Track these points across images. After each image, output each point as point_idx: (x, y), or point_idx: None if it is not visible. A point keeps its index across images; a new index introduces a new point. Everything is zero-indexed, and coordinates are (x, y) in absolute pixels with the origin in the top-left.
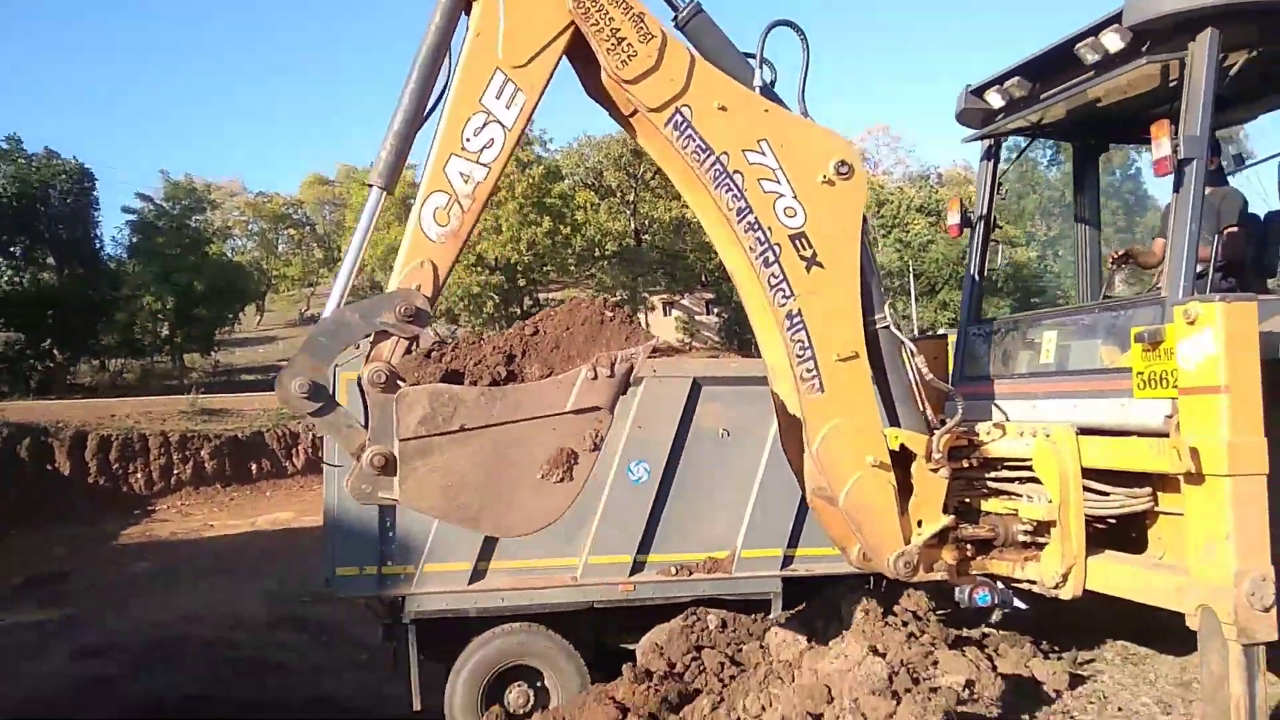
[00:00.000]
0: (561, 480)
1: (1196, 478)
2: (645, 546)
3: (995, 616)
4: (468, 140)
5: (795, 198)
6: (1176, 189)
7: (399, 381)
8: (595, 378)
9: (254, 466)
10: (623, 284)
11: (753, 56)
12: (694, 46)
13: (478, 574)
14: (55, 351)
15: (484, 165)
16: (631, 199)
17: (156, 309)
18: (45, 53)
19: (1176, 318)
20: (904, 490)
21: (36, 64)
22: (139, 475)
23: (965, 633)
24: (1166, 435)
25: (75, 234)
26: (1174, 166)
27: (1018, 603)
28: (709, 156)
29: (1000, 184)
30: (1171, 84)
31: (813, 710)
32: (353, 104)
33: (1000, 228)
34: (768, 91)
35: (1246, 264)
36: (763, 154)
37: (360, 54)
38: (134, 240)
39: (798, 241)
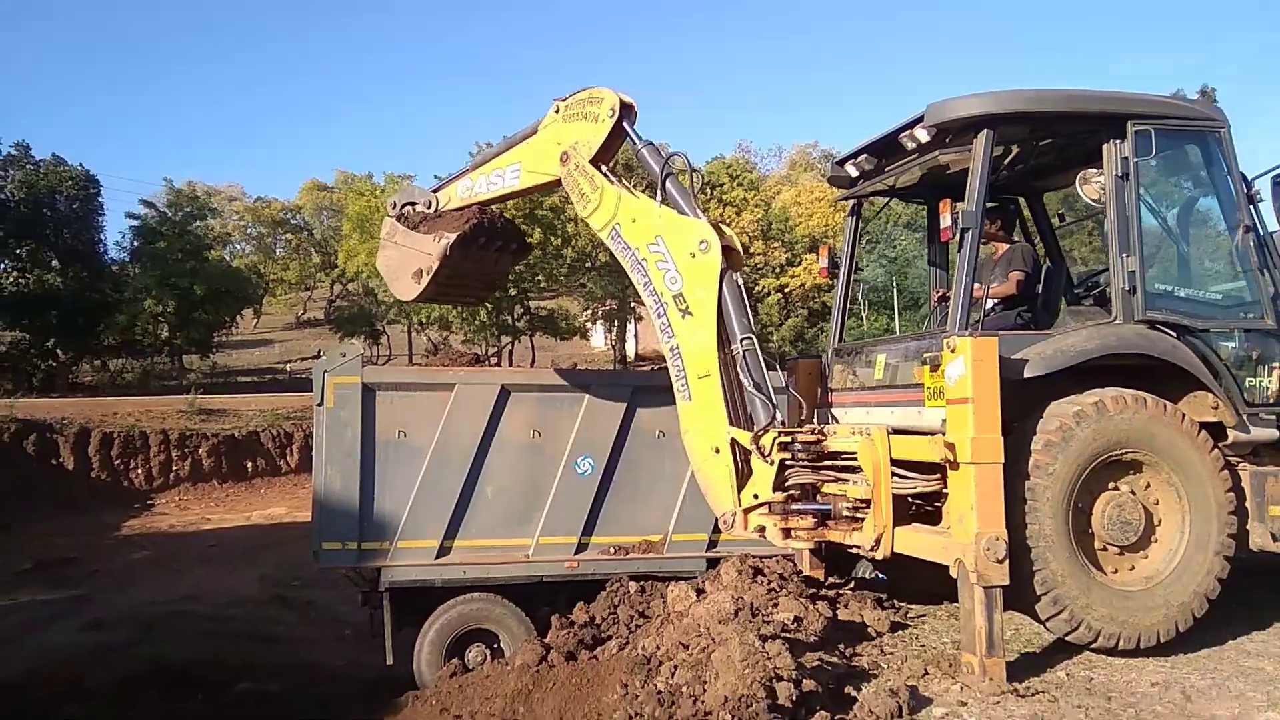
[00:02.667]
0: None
1: (955, 465)
2: (589, 529)
3: (862, 569)
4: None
5: (676, 270)
6: (959, 251)
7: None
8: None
9: (249, 464)
10: (612, 294)
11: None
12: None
13: (444, 550)
14: (58, 351)
15: (492, 186)
16: None
17: (157, 311)
18: (53, 61)
19: (945, 348)
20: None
21: (45, 72)
22: (139, 471)
23: (823, 591)
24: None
25: (80, 238)
26: (955, 234)
27: (879, 575)
28: (628, 252)
29: (863, 234)
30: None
31: (684, 641)
32: (352, 112)
33: (861, 269)
34: (668, 190)
35: (1037, 304)
36: (657, 245)
37: (360, 63)
38: (136, 245)
39: (677, 300)
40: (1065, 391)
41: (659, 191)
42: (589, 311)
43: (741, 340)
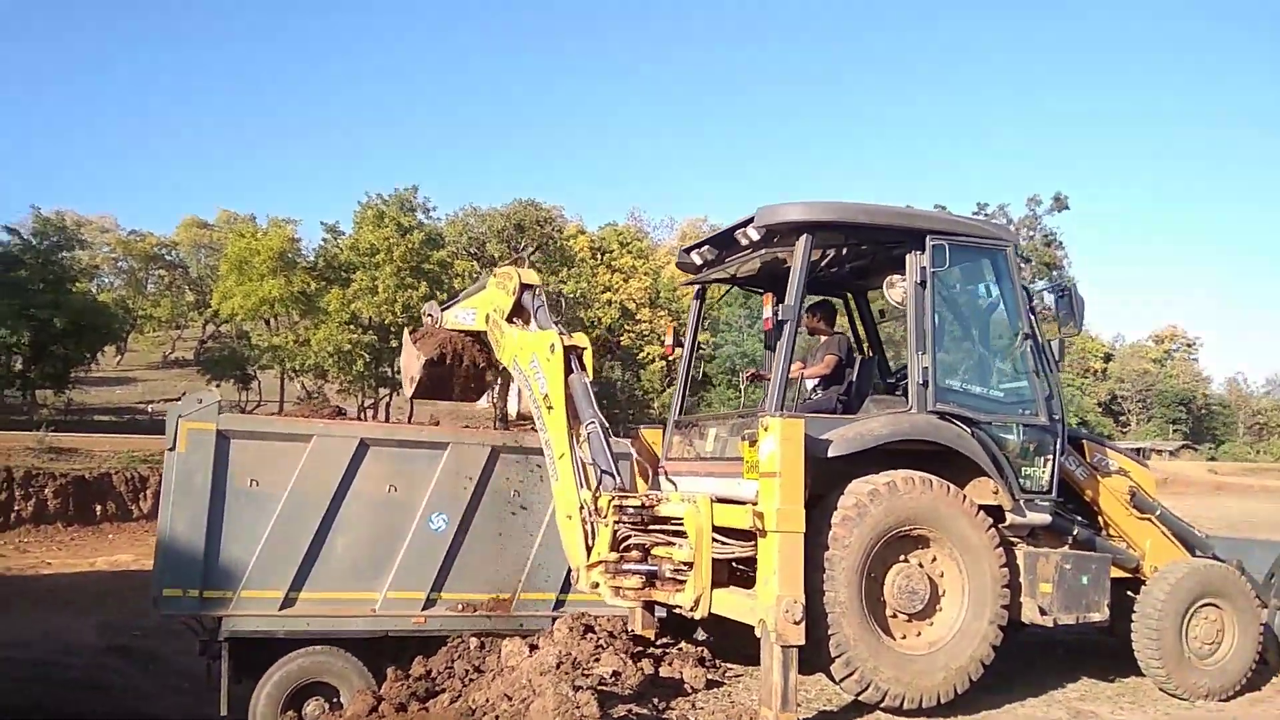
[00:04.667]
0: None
1: (763, 533)
2: (439, 585)
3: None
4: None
5: (540, 375)
6: (776, 340)
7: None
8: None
9: (99, 508)
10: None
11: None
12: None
13: (289, 601)
14: None
15: (460, 320)
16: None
17: (11, 343)
18: None
19: (760, 426)
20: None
21: None
22: None
23: (650, 649)
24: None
25: None
26: (775, 325)
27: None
28: (521, 374)
29: (704, 318)
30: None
31: (508, 693)
32: (239, 150)
33: (703, 349)
34: (539, 319)
35: (851, 390)
36: (533, 362)
37: (249, 100)
38: None
39: (545, 399)
40: (871, 471)
41: (533, 322)
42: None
43: (586, 425)
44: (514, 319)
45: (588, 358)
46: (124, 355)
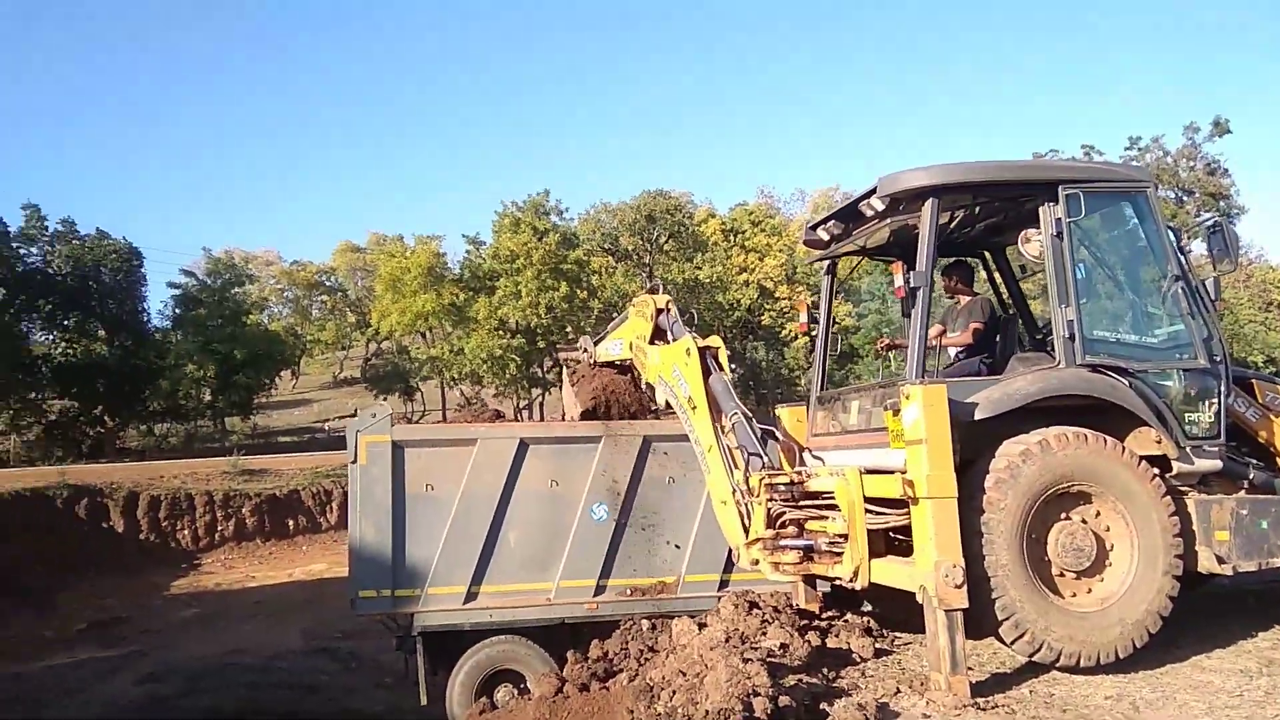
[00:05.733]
0: None
1: (914, 500)
2: (607, 573)
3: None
4: (611, 345)
5: (682, 380)
6: (910, 307)
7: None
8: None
9: (291, 522)
10: None
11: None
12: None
13: (471, 595)
14: (106, 418)
15: (610, 351)
16: (647, 261)
17: (199, 376)
18: (95, 140)
19: (902, 394)
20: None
21: (87, 150)
22: (186, 532)
23: (815, 622)
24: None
25: (124, 308)
26: (908, 292)
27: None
28: (665, 386)
29: (837, 291)
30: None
31: (682, 669)
32: (384, 174)
33: (838, 323)
34: (675, 333)
35: (995, 350)
36: (675, 371)
37: (390, 124)
38: (178, 312)
39: (689, 400)
40: (1024, 430)
41: (670, 336)
42: None
43: (729, 415)
44: (655, 340)
45: (722, 356)
46: (298, 379)
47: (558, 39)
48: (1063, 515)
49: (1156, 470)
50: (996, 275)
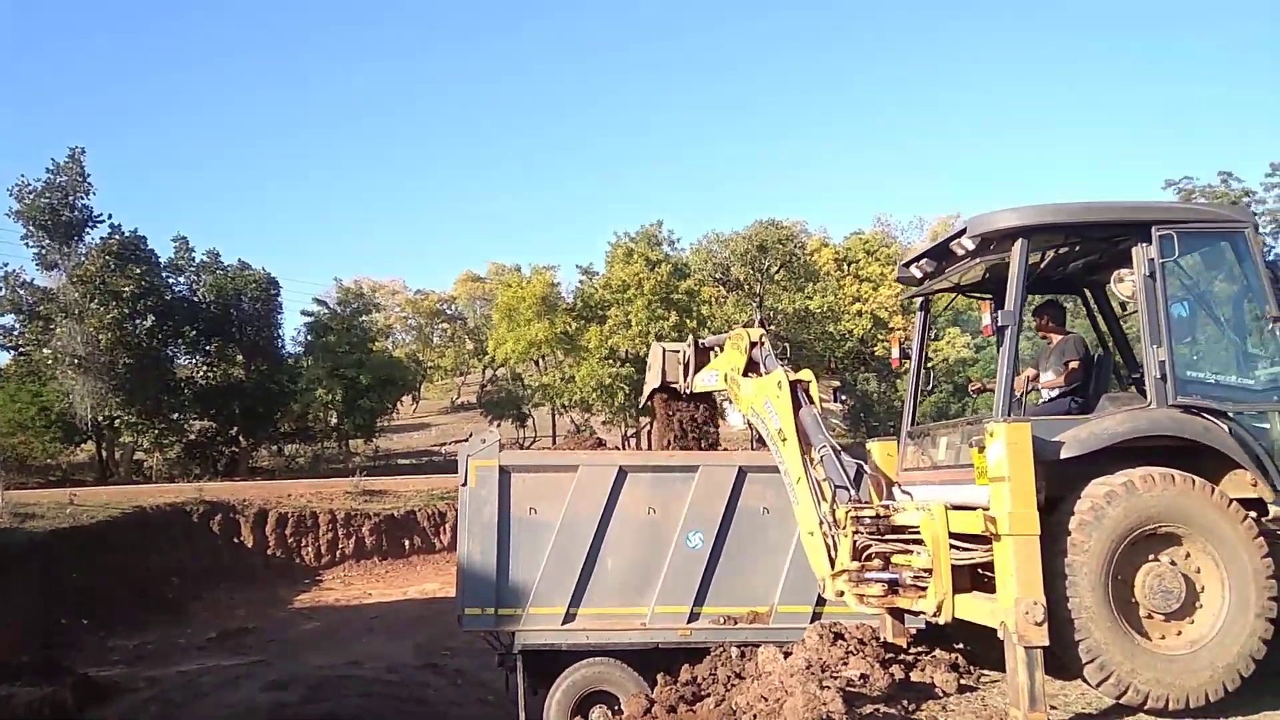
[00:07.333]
0: None
1: (996, 537)
2: (700, 600)
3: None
4: (707, 377)
5: (773, 412)
6: (998, 347)
7: None
8: None
9: (407, 542)
10: None
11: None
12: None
13: (569, 617)
14: (240, 438)
15: (706, 382)
16: (758, 291)
17: (327, 400)
18: (236, 176)
19: (986, 432)
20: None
21: (230, 186)
22: (309, 549)
23: (901, 655)
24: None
25: (261, 334)
26: (995, 331)
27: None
28: (758, 418)
29: (931, 327)
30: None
31: (764, 694)
32: (505, 205)
33: (931, 359)
34: (766, 366)
35: (1086, 391)
36: (766, 404)
37: (514, 156)
38: (309, 339)
39: (779, 433)
40: (1111, 472)
41: (763, 369)
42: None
43: (818, 449)
44: (749, 373)
45: (814, 390)
46: (418, 403)
47: (673, 73)
48: (1151, 557)
49: (1251, 513)
50: (1096, 313)
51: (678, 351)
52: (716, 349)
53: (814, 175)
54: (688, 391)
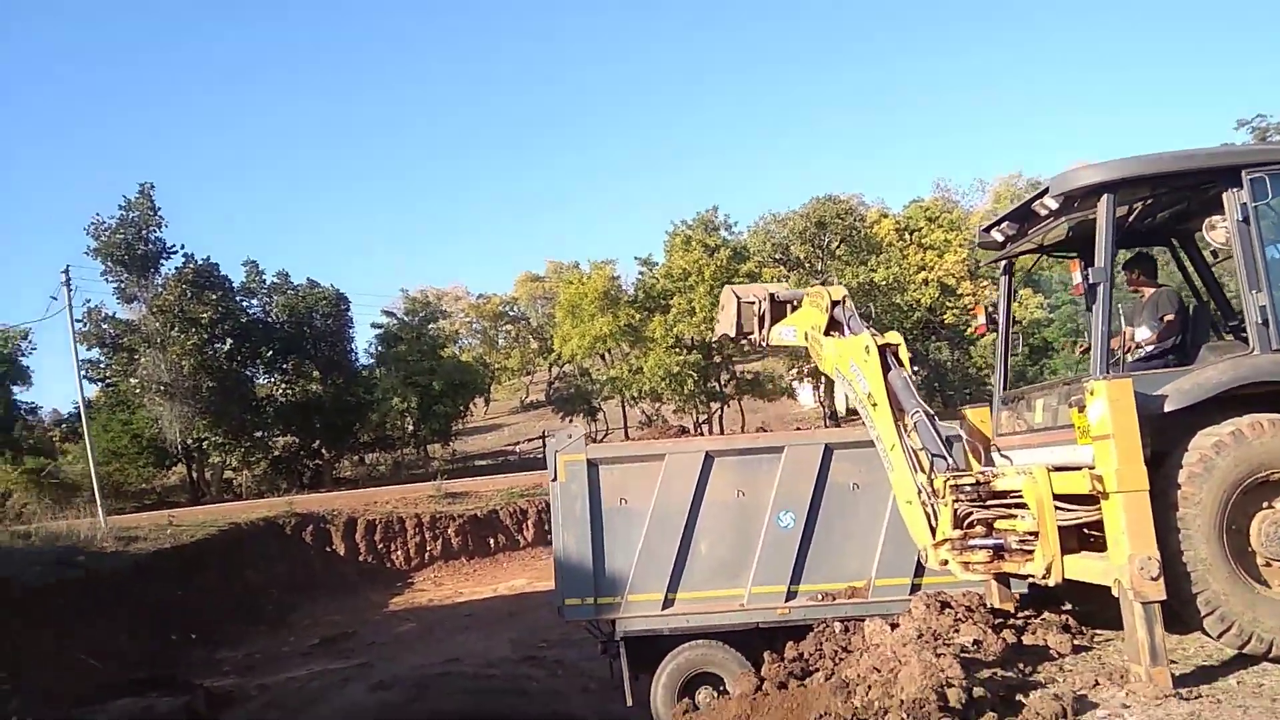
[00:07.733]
0: None
1: (1105, 495)
2: (797, 578)
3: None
4: (784, 331)
5: (861, 377)
6: (1090, 305)
7: None
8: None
9: (491, 540)
10: None
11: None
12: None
13: (668, 602)
14: (323, 450)
15: (782, 337)
16: (820, 268)
17: (403, 408)
18: (299, 198)
19: (1086, 390)
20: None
21: (294, 208)
22: (399, 552)
23: (1010, 620)
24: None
25: (335, 349)
26: (1086, 289)
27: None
28: (843, 379)
29: (1015, 290)
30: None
31: (876, 665)
32: (562, 203)
33: (1019, 323)
34: (850, 328)
35: (1184, 343)
36: (853, 366)
37: (575, 154)
38: (381, 350)
39: (869, 398)
40: (1218, 422)
41: (847, 331)
42: (794, 370)
43: (911, 414)
44: (830, 332)
45: (903, 353)
46: (489, 405)
47: (716, 54)
48: (1265, 504)
49: None
50: (1187, 263)
51: (753, 303)
52: (794, 303)
53: (867, 146)
54: (763, 344)
